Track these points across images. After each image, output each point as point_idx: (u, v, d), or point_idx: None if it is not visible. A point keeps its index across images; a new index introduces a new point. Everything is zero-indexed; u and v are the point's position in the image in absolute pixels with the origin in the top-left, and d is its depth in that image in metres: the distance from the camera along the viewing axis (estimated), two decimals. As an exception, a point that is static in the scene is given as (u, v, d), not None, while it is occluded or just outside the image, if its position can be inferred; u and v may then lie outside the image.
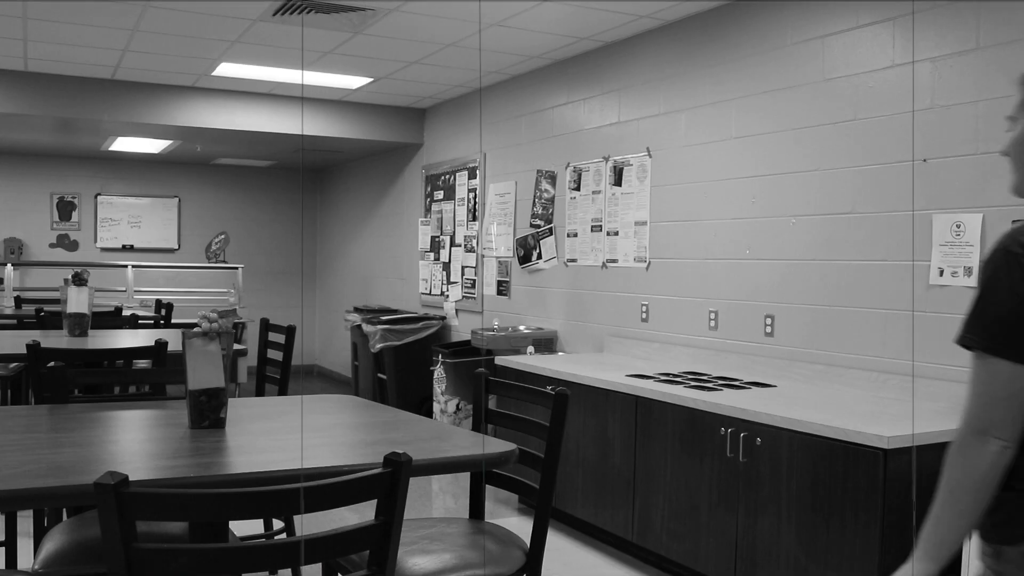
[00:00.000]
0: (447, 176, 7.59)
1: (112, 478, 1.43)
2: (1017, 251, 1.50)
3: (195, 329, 2.31)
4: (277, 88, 7.08)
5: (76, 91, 6.75)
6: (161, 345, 3.43)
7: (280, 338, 3.99)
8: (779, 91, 4.34)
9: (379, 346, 7.21)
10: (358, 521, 1.67)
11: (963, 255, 3.49)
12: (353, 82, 6.81)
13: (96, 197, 9.92)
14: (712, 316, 4.72)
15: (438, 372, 6.58)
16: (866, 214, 3.91)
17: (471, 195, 7.20)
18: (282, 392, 3.83)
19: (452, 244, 7.48)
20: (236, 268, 9.07)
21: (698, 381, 4.21)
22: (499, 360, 5.24)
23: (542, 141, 6.24)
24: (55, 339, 4.17)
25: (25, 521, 3.97)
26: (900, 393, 3.72)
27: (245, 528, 3.82)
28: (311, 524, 4.13)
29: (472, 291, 7.14)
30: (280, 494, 1.61)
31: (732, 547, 3.59)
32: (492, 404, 2.99)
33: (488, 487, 2.74)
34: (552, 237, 6.11)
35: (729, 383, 4.16)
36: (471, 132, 7.23)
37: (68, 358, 3.26)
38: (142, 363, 4.18)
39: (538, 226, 6.25)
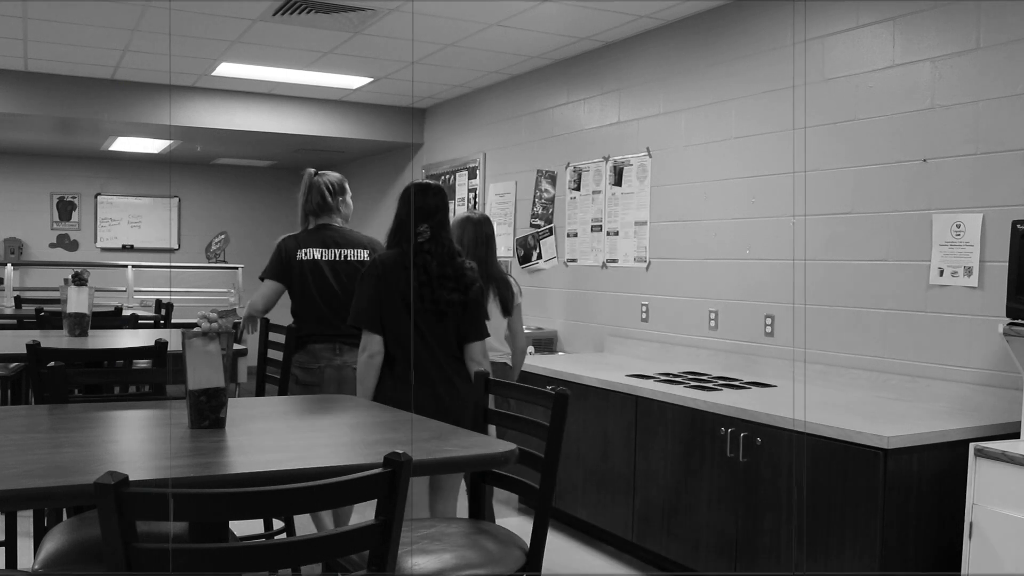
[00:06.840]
0: (447, 176, 7.59)
1: (112, 478, 1.43)
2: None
3: (195, 329, 2.31)
4: (277, 88, 7.08)
5: (76, 91, 6.75)
6: (161, 345, 3.43)
7: (280, 338, 3.99)
8: (779, 91, 4.34)
9: (379, 346, 7.19)
10: (358, 521, 1.67)
11: (963, 255, 3.48)
12: (353, 82, 6.81)
13: (96, 197, 9.92)
14: (712, 316, 4.72)
15: (438, 372, 6.56)
16: (866, 214, 3.91)
17: (471, 195, 7.20)
18: (282, 392, 3.83)
19: (452, 244, 7.47)
20: (236, 268, 9.06)
21: (698, 381, 4.21)
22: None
23: (542, 141, 6.24)
24: (55, 339, 4.17)
25: (25, 521, 3.97)
26: (900, 393, 3.72)
27: (245, 528, 3.82)
28: (311, 524, 4.13)
29: (472, 291, 7.13)
30: (280, 494, 1.61)
31: (732, 547, 3.59)
32: (492, 404, 2.99)
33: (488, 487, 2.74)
34: (552, 237, 6.11)
35: (729, 383, 4.16)
36: (471, 132, 7.23)
37: (68, 358, 3.25)
38: (142, 363, 4.18)
39: (538, 226, 6.25)
